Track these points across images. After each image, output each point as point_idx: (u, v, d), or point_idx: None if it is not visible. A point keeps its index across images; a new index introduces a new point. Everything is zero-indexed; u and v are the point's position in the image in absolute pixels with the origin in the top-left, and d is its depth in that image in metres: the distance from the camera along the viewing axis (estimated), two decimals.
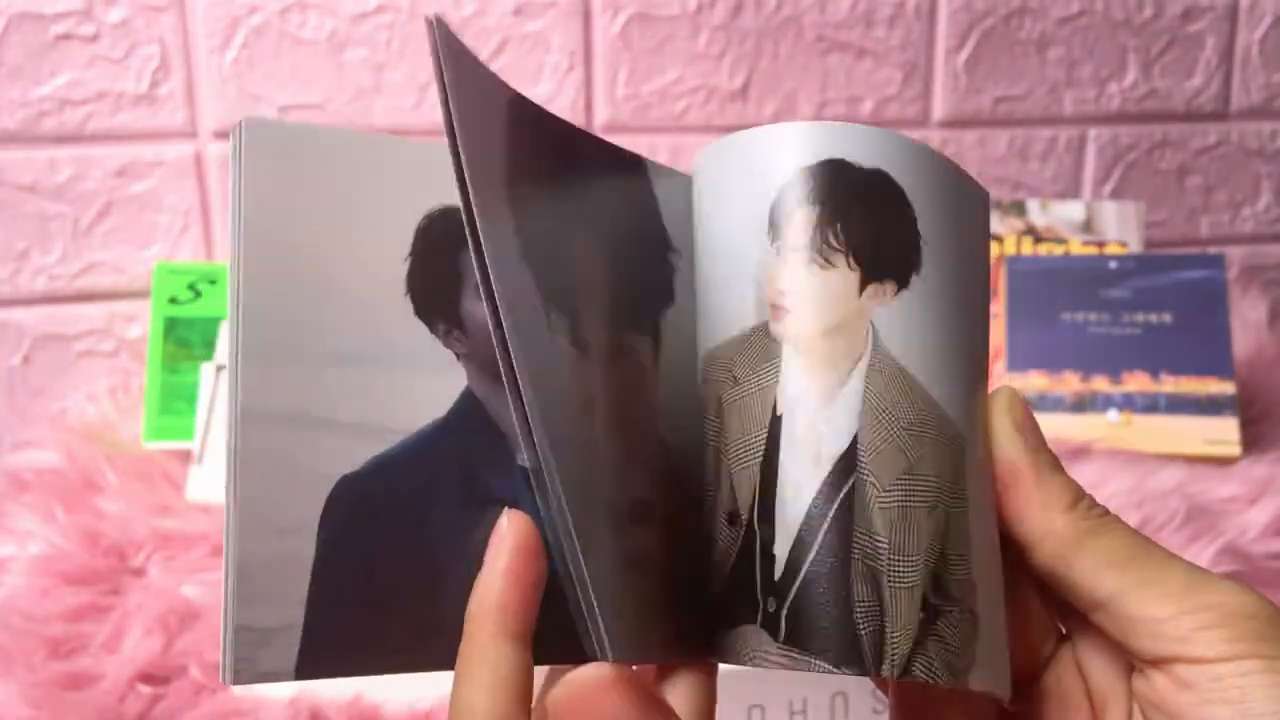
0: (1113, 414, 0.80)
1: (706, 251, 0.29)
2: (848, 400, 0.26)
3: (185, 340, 0.82)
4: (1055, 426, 0.79)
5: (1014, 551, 0.27)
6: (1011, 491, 0.27)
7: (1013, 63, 1.03)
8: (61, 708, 0.50)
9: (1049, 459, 0.27)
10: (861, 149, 0.27)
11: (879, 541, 0.25)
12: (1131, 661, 0.26)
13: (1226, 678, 0.23)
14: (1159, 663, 0.25)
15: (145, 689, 0.52)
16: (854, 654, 0.25)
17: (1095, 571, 0.25)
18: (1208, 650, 0.23)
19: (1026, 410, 0.28)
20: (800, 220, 0.27)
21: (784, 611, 0.25)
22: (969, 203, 0.30)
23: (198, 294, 0.83)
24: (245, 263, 0.25)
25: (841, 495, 0.26)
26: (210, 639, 0.55)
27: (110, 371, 0.87)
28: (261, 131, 0.25)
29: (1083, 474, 0.70)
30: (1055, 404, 0.81)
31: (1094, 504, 0.27)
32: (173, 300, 0.83)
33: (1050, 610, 0.30)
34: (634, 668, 0.25)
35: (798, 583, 0.25)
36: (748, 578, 0.26)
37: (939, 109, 1.02)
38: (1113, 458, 0.74)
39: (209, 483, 0.75)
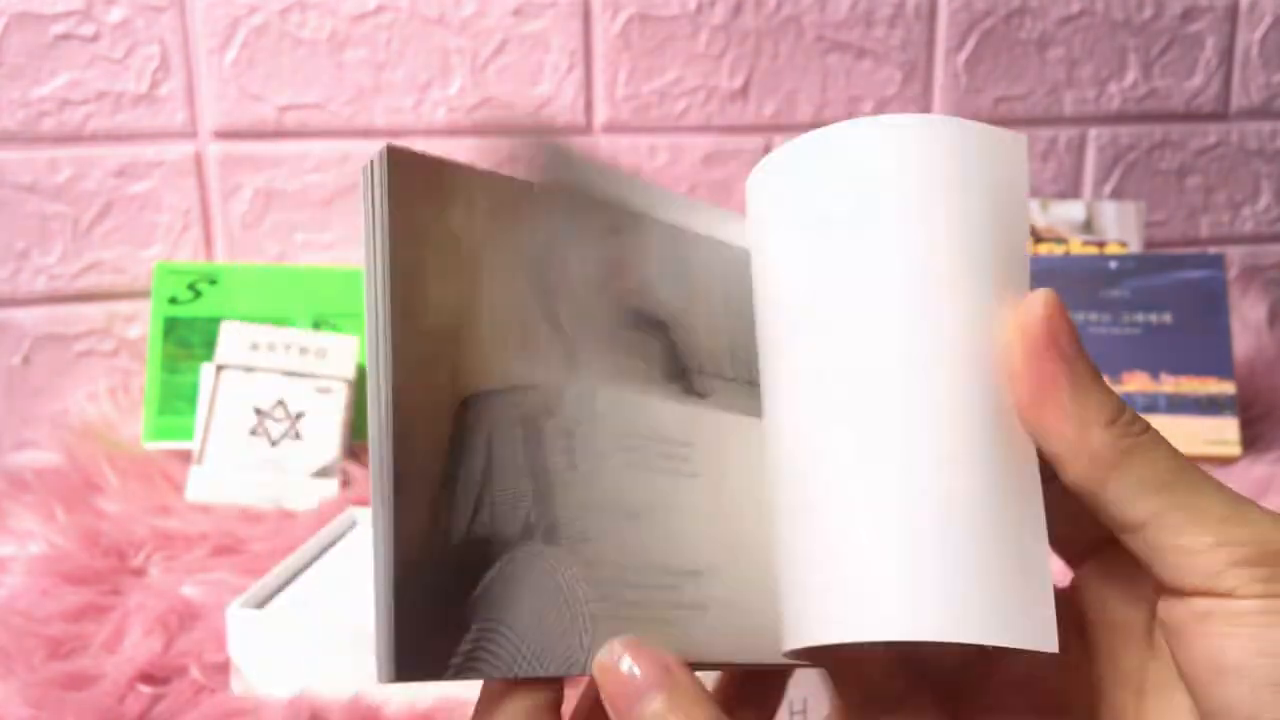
0: None
1: None
2: None
3: (185, 340, 0.82)
4: None
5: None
6: (1042, 406, 0.25)
7: (1013, 63, 1.03)
8: (61, 708, 0.50)
9: (1087, 369, 0.25)
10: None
11: None
12: (1157, 586, 0.25)
13: (1247, 614, 0.22)
14: (1184, 592, 0.24)
15: (145, 689, 0.52)
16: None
17: (1131, 495, 0.24)
18: (1237, 586, 0.22)
19: (1061, 315, 0.25)
20: None
21: None
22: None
23: (198, 294, 0.83)
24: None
25: None
26: (211, 639, 0.55)
27: (110, 371, 0.87)
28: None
29: None
30: None
31: (1135, 418, 0.25)
32: (173, 300, 0.83)
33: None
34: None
35: None
36: None
37: (939, 109, 1.02)
38: None
39: (209, 483, 0.75)
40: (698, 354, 0.29)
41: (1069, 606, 0.28)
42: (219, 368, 0.77)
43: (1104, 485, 0.24)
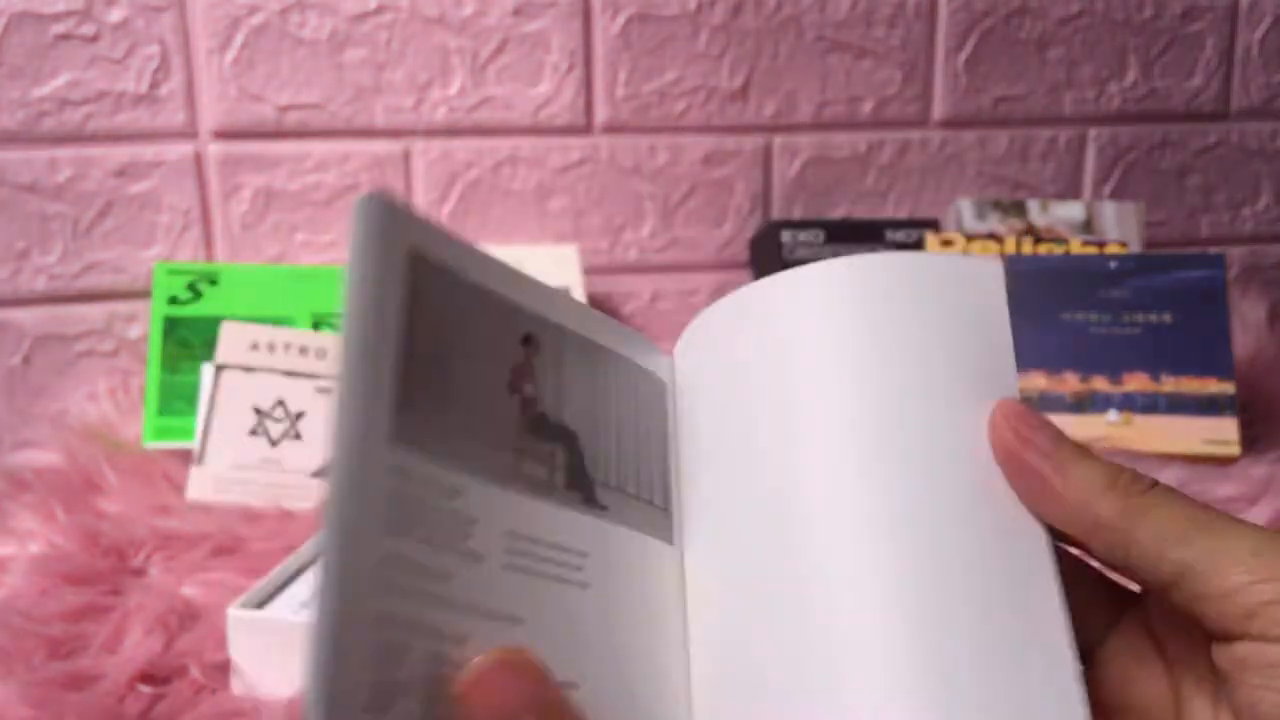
0: (1112, 414, 0.80)
1: None
2: None
3: (185, 340, 0.82)
4: None
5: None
6: (1041, 501, 0.26)
7: (1013, 63, 1.03)
8: (61, 708, 0.49)
9: (1068, 452, 0.26)
10: None
11: None
12: (1208, 634, 0.25)
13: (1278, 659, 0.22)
14: (1226, 638, 0.24)
15: (145, 689, 0.52)
16: None
17: (1154, 555, 0.24)
18: (1269, 629, 0.22)
19: (1024, 419, 0.26)
20: None
21: None
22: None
23: (198, 294, 0.83)
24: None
25: None
26: (211, 639, 0.55)
27: (110, 371, 0.87)
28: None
29: None
30: (1055, 404, 0.81)
31: (1137, 477, 0.25)
32: (173, 300, 0.83)
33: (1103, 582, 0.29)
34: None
35: None
36: None
37: (939, 109, 1.02)
38: (1112, 458, 0.74)
39: (209, 483, 0.75)
40: (604, 467, 0.30)
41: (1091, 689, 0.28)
42: (219, 368, 0.77)
43: (1127, 552, 0.25)
